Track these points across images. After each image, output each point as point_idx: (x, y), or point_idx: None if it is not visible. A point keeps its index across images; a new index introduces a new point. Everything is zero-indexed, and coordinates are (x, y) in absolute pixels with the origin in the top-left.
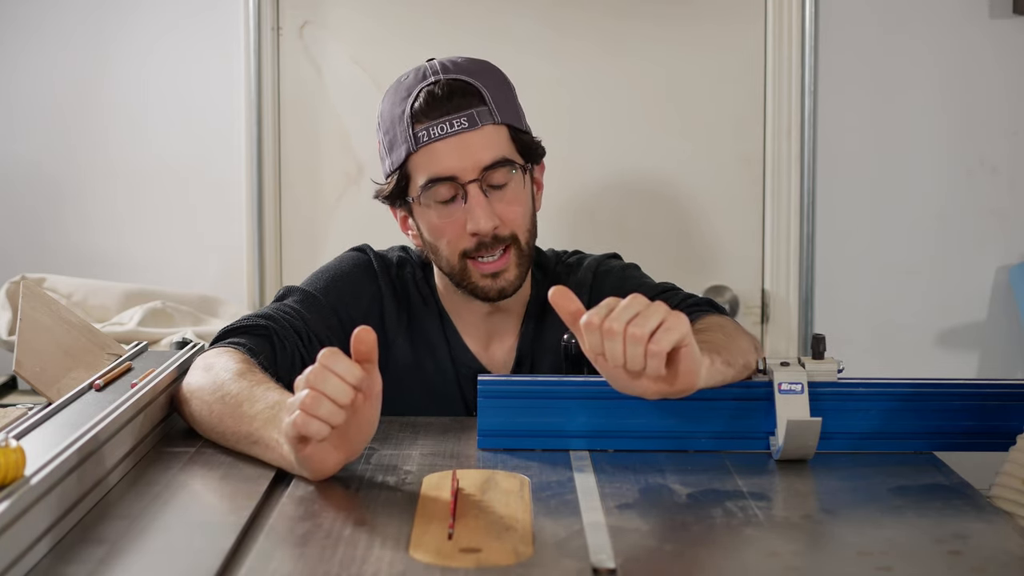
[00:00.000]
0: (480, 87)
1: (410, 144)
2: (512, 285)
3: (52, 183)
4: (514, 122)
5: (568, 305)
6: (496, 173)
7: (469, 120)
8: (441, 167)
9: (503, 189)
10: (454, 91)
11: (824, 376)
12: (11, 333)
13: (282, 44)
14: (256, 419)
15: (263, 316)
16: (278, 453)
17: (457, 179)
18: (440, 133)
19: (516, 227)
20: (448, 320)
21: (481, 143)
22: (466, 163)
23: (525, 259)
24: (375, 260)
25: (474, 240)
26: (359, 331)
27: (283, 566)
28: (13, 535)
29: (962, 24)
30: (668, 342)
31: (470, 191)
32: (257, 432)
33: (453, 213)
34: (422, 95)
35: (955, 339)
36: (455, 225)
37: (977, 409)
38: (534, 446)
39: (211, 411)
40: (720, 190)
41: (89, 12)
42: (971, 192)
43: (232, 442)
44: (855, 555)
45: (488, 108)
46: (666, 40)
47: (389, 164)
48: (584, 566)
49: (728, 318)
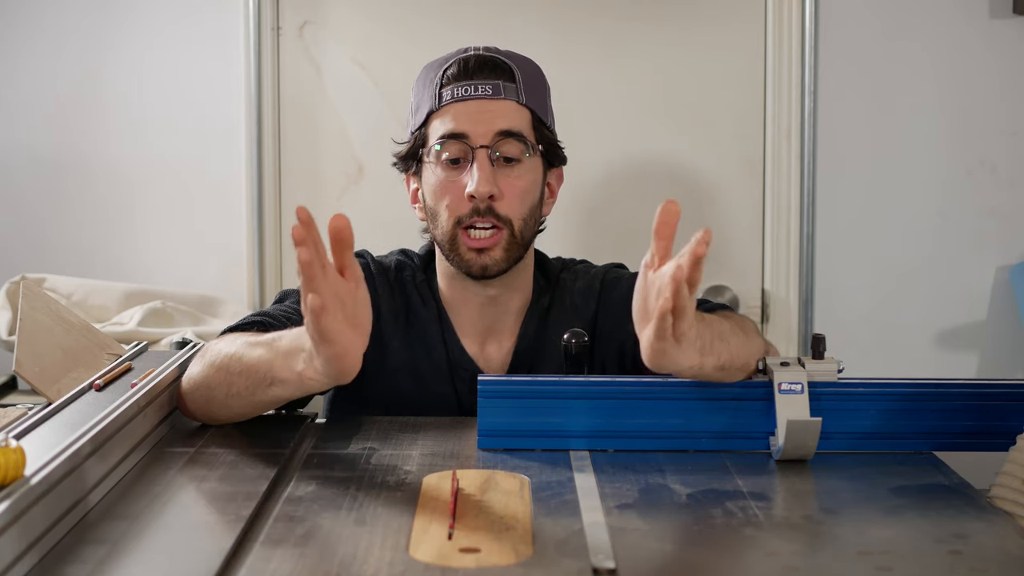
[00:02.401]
0: (514, 68)
1: (433, 103)
2: (497, 265)
3: (52, 183)
4: (539, 112)
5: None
6: (508, 144)
7: (494, 89)
8: (456, 125)
9: (512, 167)
10: (486, 63)
11: (824, 376)
12: (11, 333)
13: (282, 44)
14: (267, 351)
15: (262, 315)
16: (297, 372)
17: (468, 140)
18: (463, 94)
19: (513, 210)
20: (446, 320)
21: (500, 112)
22: (480, 127)
23: (515, 247)
24: (372, 264)
25: (470, 205)
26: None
27: (283, 566)
28: (13, 535)
29: (962, 24)
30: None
31: (477, 155)
32: (275, 370)
33: (458, 176)
34: (456, 63)
35: (955, 339)
36: (457, 188)
37: (977, 409)
38: (534, 446)
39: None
40: (720, 190)
41: (89, 12)
42: (971, 192)
43: (247, 396)
44: (855, 555)
45: (516, 87)
46: (666, 41)
47: (412, 125)
48: (584, 566)
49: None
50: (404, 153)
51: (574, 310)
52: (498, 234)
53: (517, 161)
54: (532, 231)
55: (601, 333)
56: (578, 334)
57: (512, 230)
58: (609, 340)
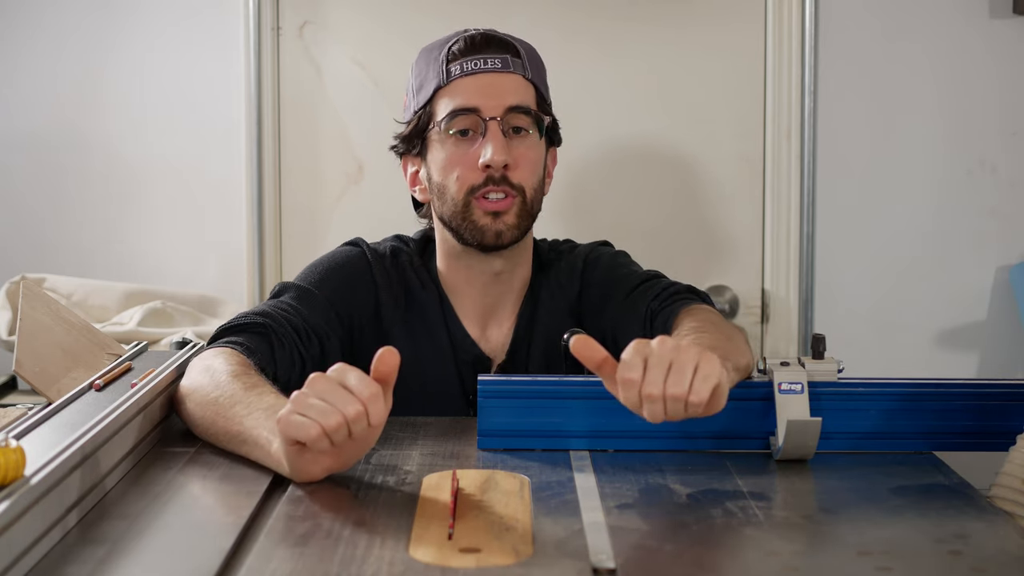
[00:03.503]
0: (518, 46)
1: (441, 79)
2: (510, 231)
3: (52, 183)
4: (542, 89)
5: (593, 355)
6: (519, 117)
7: (503, 63)
8: (467, 99)
9: (523, 138)
10: (492, 40)
11: (824, 376)
12: (11, 333)
13: (282, 44)
14: (248, 419)
15: (260, 314)
16: (267, 452)
17: (480, 113)
18: (472, 68)
19: (525, 178)
20: (447, 303)
21: (510, 86)
22: (492, 100)
23: (526, 216)
24: (368, 252)
25: (483, 175)
26: (383, 352)
27: (283, 566)
28: (13, 535)
29: (962, 24)
30: (707, 390)
31: (490, 127)
32: (248, 431)
33: (469, 148)
34: (461, 40)
35: (955, 339)
36: (468, 159)
37: (977, 409)
38: (534, 446)
39: (205, 412)
40: (720, 190)
41: (89, 12)
42: (971, 192)
43: (224, 442)
44: (855, 555)
45: (522, 62)
46: (666, 41)
47: (415, 105)
48: (584, 566)
49: (713, 310)
50: (408, 133)
51: (560, 290)
52: (511, 199)
53: (526, 132)
54: (539, 204)
55: (585, 312)
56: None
57: (524, 198)
58: (593, 320)
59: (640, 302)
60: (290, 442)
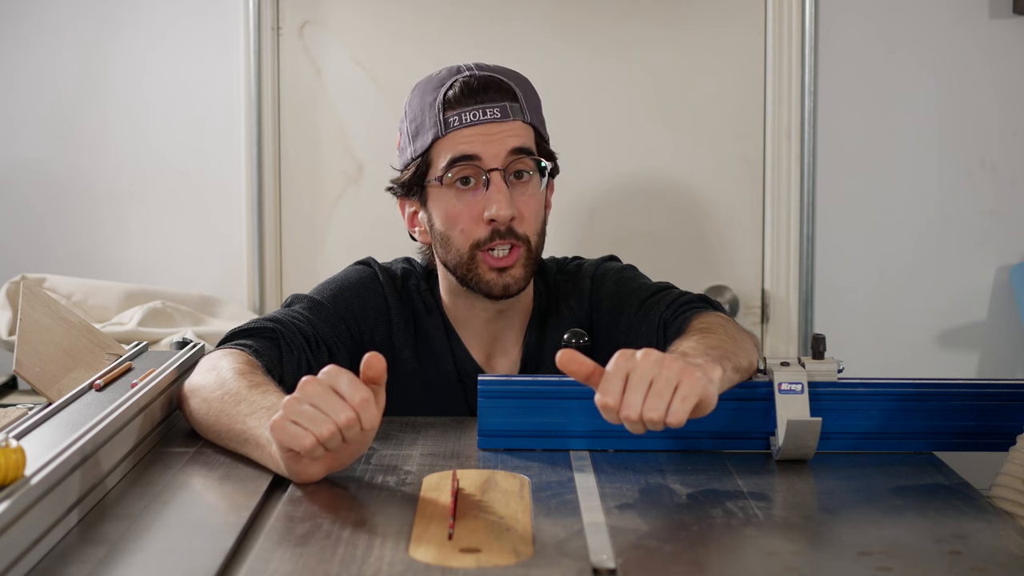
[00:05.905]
0: (514, 86)
1: (439, 129)
2: (517, 283)
3: (52, 183)
4: (540, 128)
5: (580, 370)
6: (521, 161)
7: (502, 112)
8: (467, 147)
9: (525, 184)
10: (489, 85)
11: (824, 376)
12: (11, 333)
13: (282, 44)
14: (250, 418)
15: (271, 319)
16: (267, 452)
17: (481, 163)
18: (471, 119)
19: (529, 228)
20: (452, 331)
21: (510, 132)
22: (493, 149)
23: (531, 262)
24: (380, 273)
25: (489, 228)
26: (369, 356)
27: (283, 566)
28: (13, 535)
29: (962, 24)
30: (684, 412)
31: (492, 178)
32: (250, 431)
33: (471, 199)
34: (457, 85)
35: (955, 339)
36: (472, 211)
37: (977, 409)
38: (534, 446)
39: (209, 409)
40: (720, 191)
41: (89, 12)
42: (971, 192)
43: (226, 440)
44: (855, 555)
45: (520, 106)
46: (666, 42)
47: (412, 151)
48: (584, 566)
49: (725, 315)
50: (406, 180)
51: (569, 312)
52: (517, 251)
53: (528, 175)
54: (543, 243)
55: (597, 331)
56: (578, 334)
57: (529, 247)
58: (607, 336)
59: (652, 312)
60: (285, 449)
